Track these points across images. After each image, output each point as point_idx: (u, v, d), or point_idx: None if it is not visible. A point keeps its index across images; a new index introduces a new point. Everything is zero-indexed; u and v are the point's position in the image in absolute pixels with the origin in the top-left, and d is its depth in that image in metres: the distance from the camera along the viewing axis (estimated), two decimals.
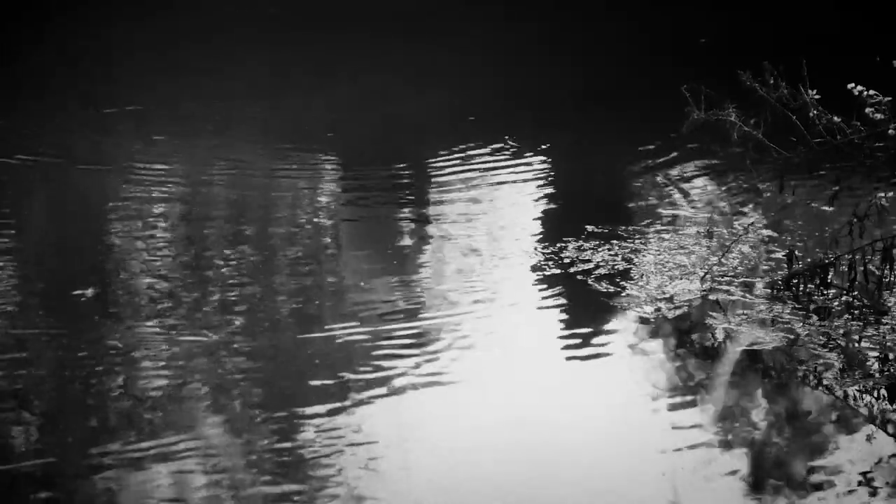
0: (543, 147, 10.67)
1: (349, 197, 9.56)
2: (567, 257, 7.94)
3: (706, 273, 7.52)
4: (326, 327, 7.09)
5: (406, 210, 9.15)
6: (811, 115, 7.18)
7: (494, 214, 9.04)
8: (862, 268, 7.19)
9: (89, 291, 7.35)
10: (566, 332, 7.03)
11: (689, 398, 6.21)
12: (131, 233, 8.55)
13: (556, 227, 8.67)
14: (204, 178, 9.91)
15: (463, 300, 7.41)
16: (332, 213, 9.20)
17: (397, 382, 6.36)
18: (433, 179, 9.85)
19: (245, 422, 5.98)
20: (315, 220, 9.06)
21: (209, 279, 7.74)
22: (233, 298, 7.44)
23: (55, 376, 6.48)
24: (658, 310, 7.12)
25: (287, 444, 5.78)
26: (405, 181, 9.81)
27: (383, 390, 6.28)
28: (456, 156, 10.41)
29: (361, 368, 6.51)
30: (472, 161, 10.28)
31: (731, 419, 6.00)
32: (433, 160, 10.33)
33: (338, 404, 6.13)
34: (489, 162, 10.25)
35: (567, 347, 6.84)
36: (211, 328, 7.02)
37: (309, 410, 6.09)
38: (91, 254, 8.29)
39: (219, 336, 6.91)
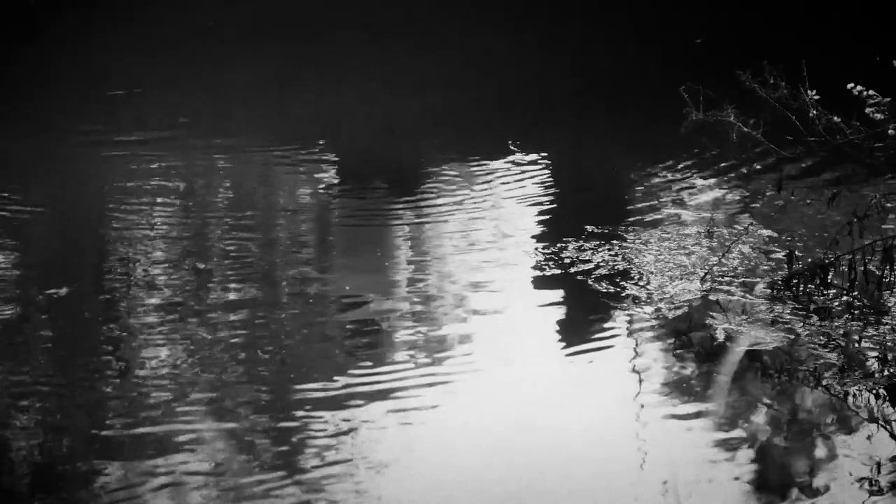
0: (543, 147, 10.67)
1: (347, 200, 9.56)
2: (567, 257, 7.93)
3: (706, 273, 7.52)
4: (326, 326, 7.09)
5: (405, 212, 9.15)
6: (811, 115, 7.19)
7: (494, 215, 9.04)
8: (862, 268, 7.19)
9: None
10: (566, 333, 7.03)
11: (689, 398, 6.21)
12: (129, 243, 8.53)
13: (556, 227, 8.67)
14: (200, 188, 9.91)
15: (462, 301, 7.41)
16: (330, 212, 9.20)
17: (397, 383, 6.36)
18: (432, 181, 9.85)
19: (246, 425, 5.98)
20: (311, 218, 9.06)
21: (209, 285, 7.73)
22: (233, 303, 7.44)
23: (52, 383, 6.49)
24: (658, 310, 7.12)
25: (287, 446, 5.78)
26: (403, 184, 9.80)
27: (383, 391, 6.27)
28: (455, 157, 10.41)
29: (362, 368, 6.51)
30: (472, 162, 10.28)
31: (731, 419, 6.00)
32: (432, 162, 10.33)
33: (338, 405, 6.13)
34: (488, 163, 10.25)
35: (567, 348, 6.84)
36: (212, 332, 7.02)
37: (309, 410, 6.09)
38: (88, 257, 8.29)
39: (219, 340, 6.91)
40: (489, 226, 8.79)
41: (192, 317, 7.20)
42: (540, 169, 10.15)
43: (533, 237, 8.47)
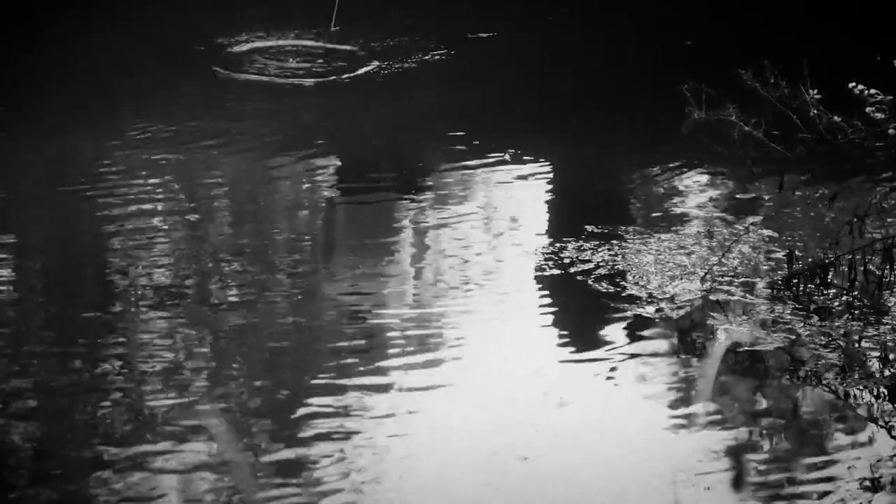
0: (543, 147, 10.66)
1: (347, 199, 9.55)
2: (567, 257, 7.93)
3: (706, 273, 7.52)
4: (326, 324, 7.10)
5: (404, 213, 9.14)
6: (811, 114, 7.19)
7: (494, 215, 9.03)
8: (862, 268, 7.19)
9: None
10: (566, 333, 7.03)
11: (689, 399, 6.21)
12: (127, 242, 8.51)
13: (556, 227, 8.66)
14: (199, 187, 9.91)
15: (462, 302, 7.40)
16: (328, 213, 9.20)
17: (395, 385, 6.36)
18: (431, 181, 9.84)
19: (247, 424, 5.98)
20: (309, 216, 9.07)
21: (209, 285, 7.73)
22: (233, 302, 7.44)
23: (54, 383, 6.49)
24: (658, 310, 7.11)
25: (289, 447, 5.78)
26: (404, 183, 9.79)
27: (382, 393, 6.27)
28: (454, 157, 10.40)
29: (362, 367, 6.51)
30: (471, 162, 10.27)
31: (732, 419, 6.00)
32: (432, 161, 10.32)
33: (338, 410, 6.12)
34: (488, 162, 10.24)
35: (566, 349, 6.84)
36: (212, 330, 7.02)
37: (310, 413, 6.09)
38: (87, 260, 8.28)
39: (220, 338, 6.91)
40: (488, 225, 8.78)
41: (193, 315, 7.20)
42: (540, 168, 10.14)
43: (533, 237, 8.46)
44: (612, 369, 6.54)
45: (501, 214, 9.06)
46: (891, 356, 6.55)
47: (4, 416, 6.08)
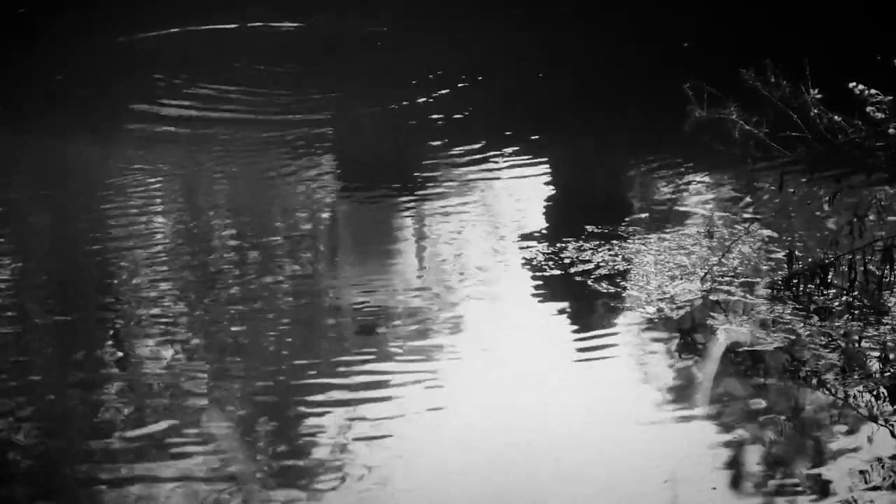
0: (543, 147, 10.67)
1: (345, 199, 9.55)
2: (567, 257, 7.93)
3: (706, 273, 7.52)
4: (325, 332, 7.10)
5: (404, 212, 9.14)
6: (812, 114, 7.18)
7: (493, 215, 9.03)
8: (862, 268, 7.19)
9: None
10: (566, 334, 7.03)
11: (689, 399, 6.21)
12: (127, 245, 8.50)
13: (556, 227, 8.66)
14: (200, 189, 9.91)
15: (461, 302, 7.40)
16: (329, 214, 9.20)
17: (395, 386, 6.36)
18: (431, 181, 9.84)
19: (248, 430, 5.98)
20: (310, 216, 9.06)
21: (209, 289, 7.72)
22: (234, 305, 7.44)
23: (55, 385, 6.49)
24: (659, 310, 7.11)
25: (289, 452, 5.78)
26: (404, 184, 9.79)
27: (380, 395, 6.27)
28: (454, 157, 10.40)
29: (361, 375, 6.51)
30: (471, 162, 10.27)
31: (732, 420, 6.00)
32: (431, 161, 10.32)
33: (338, 414, 6.12)
34: (488, 162, 10.24)
35: (567, 348, 6.84)
36: (213, 331, 7.02)
37: (310, 416, 6.09)
38: (86, 262, 8.28)
39: (220, 340, 6.92)
40: (489, 226, 8.78)
41: (194, 316, 7.20)
42: (540, 169, 10.14)
43: (533, 237, 8.46)
44: (612, 370, 6.54)
45: (501, 215, 9.06)
46: (891, 356, 6.55)
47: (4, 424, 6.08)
